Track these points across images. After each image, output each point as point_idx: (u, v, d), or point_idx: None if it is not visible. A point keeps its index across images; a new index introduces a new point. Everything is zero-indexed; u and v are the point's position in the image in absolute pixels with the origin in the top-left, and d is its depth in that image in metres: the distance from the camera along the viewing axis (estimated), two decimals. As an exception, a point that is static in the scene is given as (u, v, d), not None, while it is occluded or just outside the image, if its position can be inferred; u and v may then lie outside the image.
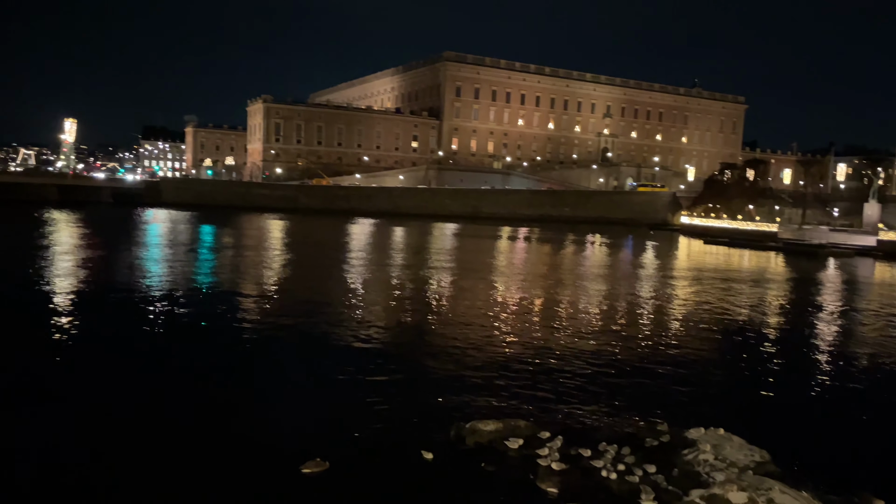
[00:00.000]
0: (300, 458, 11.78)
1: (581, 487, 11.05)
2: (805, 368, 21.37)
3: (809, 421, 15.79)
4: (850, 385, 19.40)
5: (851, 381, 19.88)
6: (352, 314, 26.94)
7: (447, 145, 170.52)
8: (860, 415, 16.50)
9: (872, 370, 21.22)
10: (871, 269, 64.14)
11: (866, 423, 15.88)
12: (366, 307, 29.18)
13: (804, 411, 16.62)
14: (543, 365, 19.56)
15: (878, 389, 19.03)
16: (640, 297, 36.39)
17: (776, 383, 19.31)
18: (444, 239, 78.49)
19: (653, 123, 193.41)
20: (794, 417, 16.01)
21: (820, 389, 18.84)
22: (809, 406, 17.17)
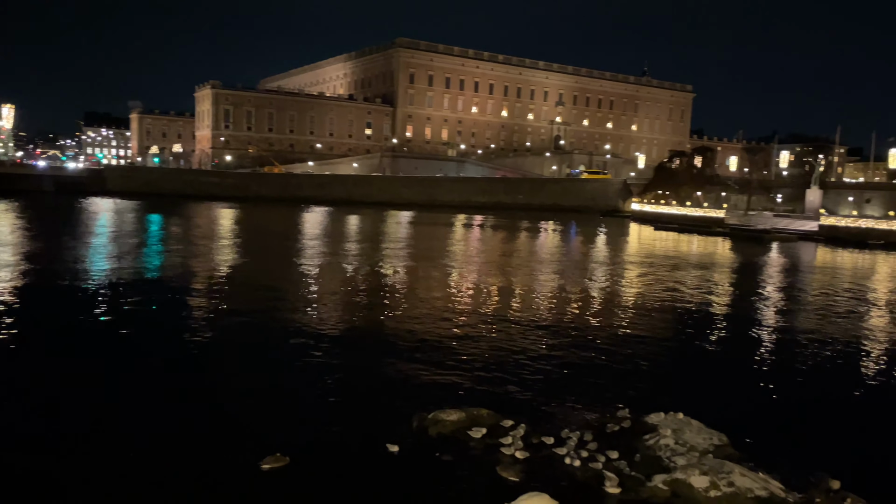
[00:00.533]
0: (259, 453, 11.47)
1: (546, 475, 11.04)
2: (755, 351, 21.91)
3: (763, 403, 16.16)
4: (799, 366, 19.97)
5: (800, 362, 20.46)
6: (307, 305, 26.51)
7: (401, 133, 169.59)
8: (811, 396, 16.98)
9: (820, 351, 21.88)
10: (813, 253, 66.36)
11: (817, 403, 16.34)
12: (321, 297, 28.76)
13: (757, 393, 17.00)
14: (502, 353, 19.57)
15: (825, 370, 19.63)
16: (594, 283, 36.83)
17: (729, 366, 19.74)
18: (400, 227, 78.11)
19: (604, 111, 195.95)
20: (747, 400, 16.37)
21: (770, 371, 19.33)
22: (762, 388, 17.58)
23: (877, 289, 40.09)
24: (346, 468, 11.48)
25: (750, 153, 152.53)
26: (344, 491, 10.64)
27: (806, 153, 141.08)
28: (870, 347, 22.89)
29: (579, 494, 10.49)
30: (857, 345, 23.23)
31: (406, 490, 10.68)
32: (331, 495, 10.49)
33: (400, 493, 10.61)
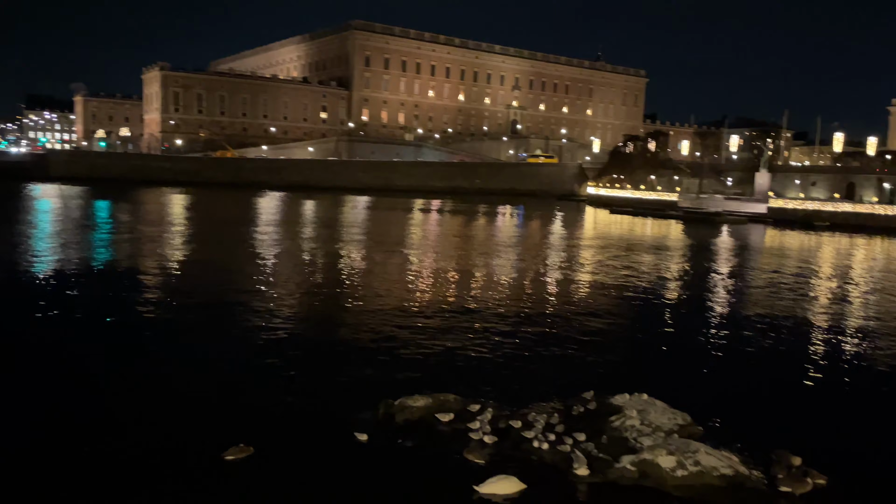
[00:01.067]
0: (222, 444, 11.15)
1: (514, 458, 11.01)
2: (712, 332, 22.35)
3: (722, 382, 16.45)
4: (754, 346, 20.41)
5: (755, 342, 20.93)
6: (264, 292, 26.01)
7: (357, 116, 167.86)
8: (768, 374, 17.36)
9: (773, 331, 22.43)
10: (763, 235, 68.18)
11: (774, 382, 16.71)
12: (279, 284, 28.25)
13: (716, 373, 17.32)
14: (465, 337, 19.51)
15: (779, 349, 20.10)
16: (552, 267, 37.08)
17: (687, 347, 20.06)
18: (357, 212, 77.44)
19: (560, 96, 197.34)
20: (707, 379, 16.65)
21: (727, 351, 19.72)
22: (720, 368, 17.91)
23: (823, 268, 41.37)
24: (312, 457, 11.25)
25: (701, 137, 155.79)
26: (311, 480, 10.42)
27: (754, 137, 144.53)
28: (821, 326, 23.57)
29: (548, 477, 10.49)
30: (809, 324, 23.90)
31: (374, 477, 10.52)
32: (298, 485, 10.25)
33: (368, 479, 10.44)
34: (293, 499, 9.75)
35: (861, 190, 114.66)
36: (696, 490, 10.18)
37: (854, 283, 35.50)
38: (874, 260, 48.98)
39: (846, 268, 42.43)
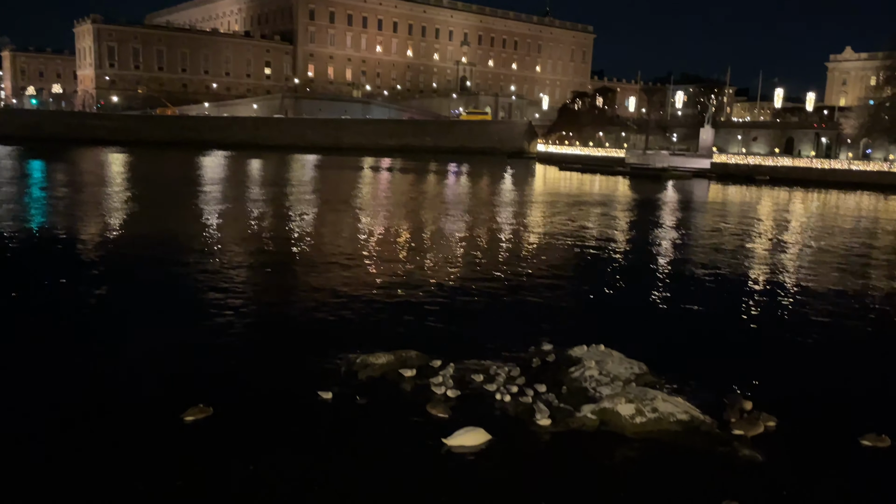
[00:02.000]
0: (180, 405, 10.94)
1: (478, 411, 11.14)
2: (660, 283, 22.93)
3: (673, 331, 16.92)
4: (701, 295, 21.04)
5: (701, 291, 21.57)
6: (216, 253, 25.42)
7: (303, 72, 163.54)
8: (715, 322, 17.94)
9: (718, 280, 23.15)
10: (706, 190, 69.93)
11: (722, 329, 17.29)
12: (230, 245, 27.64)
13: (667, 322, 17.80)
14: (422, 294, 19.52)
15: (725, 297, 20.77)
16: (504, 223, 37.30)
17: (638, 298, 20.52)
18: (306, 171, 76.11)
19: (508, 52, 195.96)
20: (659, 329, 17.09)
21: (676, 301, 20.26)
22: (670, 317, 18.41)
23: (764, 222, 42.74)
24: (274, 416, 11.14)
25: (648, 94, 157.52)
26: (274, 439, 10.33)
27: (699, 94, 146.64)
28: (763, 277, 24.42)
29: (512, 428, 10.66)
30: (752, 275, 24.73)
31: (340, 434, 10.49)
32: (260, 443, 10.15)
33: (333, 437, 10.41)
34: (254, 457, 9.66)
35: (799, 144, 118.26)
36: (654, 435, 10.51)
37: (792, 235, 36.80)
38: (811, 213, 50.82)
39: (785, 221, 43.92)
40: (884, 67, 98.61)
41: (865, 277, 25.48)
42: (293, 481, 9.08)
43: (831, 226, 40.96)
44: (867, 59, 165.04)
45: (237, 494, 8.75)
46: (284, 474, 9.28)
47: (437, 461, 9.71)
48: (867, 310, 20.21)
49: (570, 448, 10.22)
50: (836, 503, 7.31)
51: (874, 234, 38.49)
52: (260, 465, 9.47)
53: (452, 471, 9.48)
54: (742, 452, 10.09)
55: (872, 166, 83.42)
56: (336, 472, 9.35)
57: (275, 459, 9.69)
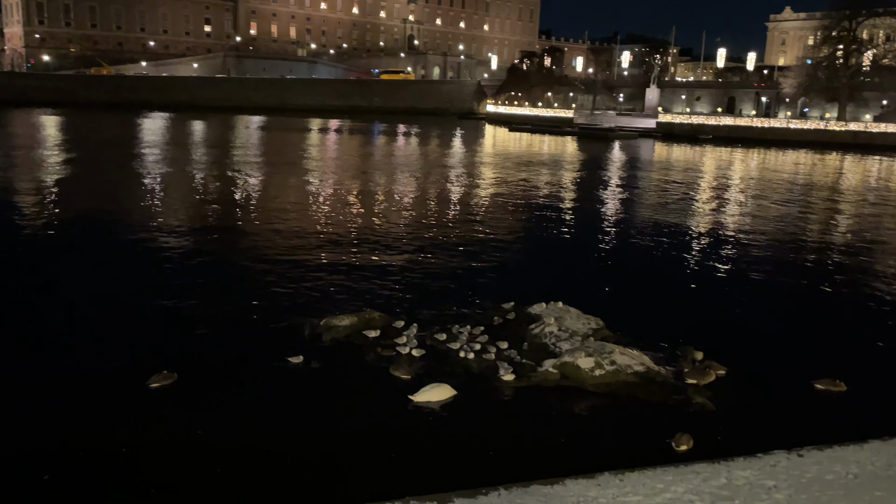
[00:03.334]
0: (144, 373, 10.85)
1: (443, 369, 11.38)
2: (611, 239, 23.53)
3: (626, 286, 17.48)
4: (649, 249, 21.72)
5: (649, 246, 22.24)
6: (160, 219, 24.83)
7: (245, 30, 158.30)
8: (664, 276, 18.58)
9: (665, 235, 23.87)
10: (652, 149, 71.31)
11: (671, 283, 17.93)
12: (176, 210, 27.03)
13: (619, 278, 18.34)
14: (378, 256, 19.59)
15: (672, 252, 21.48)
16: (456, 183, 37.43)
17: (591, 254, 21.06)
18: (251, 132, 74.39)
19: (456, 10, 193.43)
20: (612, 285, 17.61)
21: (626, 256, 20.89)
22: (622, 273, 18.98)
23: (707, 179, 43.98)
24: (239, 381, 11.15)
25: (594, 54, 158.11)
26: (240, 404, 10.37)
27: (644, 54, 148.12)
28: (707, 231, 25.27)
29: (477, 384, 10.95)
30: (697, 230, 25.57)
31: (306, 396, 10.61)
32: (225, 408, 10.18)
33: (300, 399, 10.51)
34: (221, 423, 9.71)
35: (741, 104, 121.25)
36: (612, 387, 10.96)
37: (734, 192, 38.01)
38: (751, 170, 52.46)
39: (727, 178, 45.27)
40: (821, 27, 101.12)
41: (803, 231, 26.63)
42: (261, 444, 9.18)
43: (770, 183, 42.41)
44: (805, 20, 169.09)
45: (206, 458, 8.81)
46: (252, 437, 9.37)
47: (405, 417, 9.95)
48: (806, 261, 21.22)
49: (532, 402, 10.58)
50: (790, 443, 7.80)
51: (810, 190, 40.06)
52: (227, 430, 9.53)
53: (420, 426, 9.73)
54: (696, 400, 10.63)
55: (809, 125, 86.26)
56: (304, 433, 9.48)
57: (242, 423, 9.75)
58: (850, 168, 57.82)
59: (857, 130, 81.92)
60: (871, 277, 19.22)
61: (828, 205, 35.00)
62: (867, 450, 7.02)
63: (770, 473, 6.53)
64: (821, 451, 6.94)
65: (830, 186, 42.74)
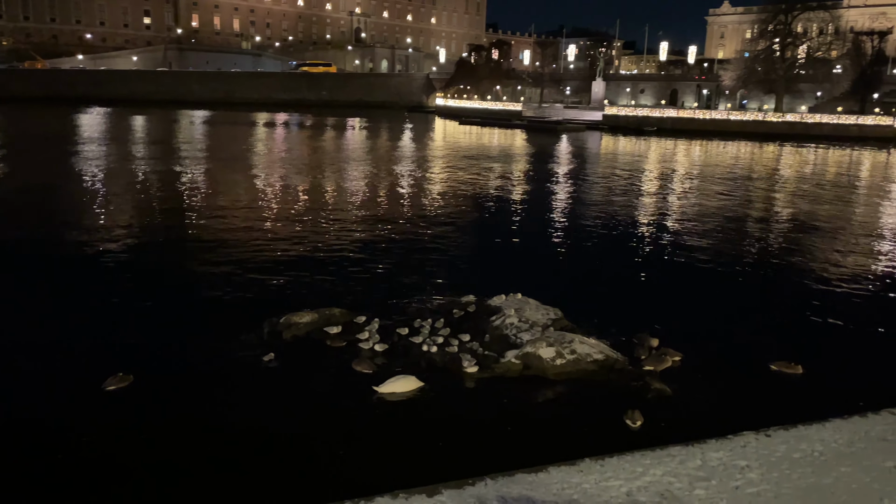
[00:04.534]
0: (99, 376, 10.58)
1: (407, 363, 11.43)
2: (563, 230, 23.91)
3: (581, 277, 17.81)
4: (601, 239, 22.18)
5: (601, 236, 22.72)
6: (104, 218, 24.14)
7: (186, 22, 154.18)
8: (617, 266, 18.99)
9: (615, 226, 24.40)
10: (599, 141, 72.52)
11: (624, 273, 18.35)
12: (120, 209, 26.28)
13: (574, 269, 18.67)
14: (337, 251, 19.48)
15: (623, 241, 21.97)
16: (409, 177, 37.40)
17: (545, 245, 21.37)
18: (195, 127, 72.67)
19: (403, 3, 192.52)
20: (568, 276, 17.94)
21: (579, 247, 21.27)
22: (576, 264, 19.33)
23: (653, 170, 45.03)
24: (197, 381, 10.99)
25: (541, 47, 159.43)
26: (198, 404, 10.21)
27: (589, 47, 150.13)
28: (656, 221, 25.93)
29: (441, 377, 11.04)
30: (645, 218, 26.20)
31: (270, 394, 10.51)
32: (183, 409, 10.01)
33: (263, 398, 10.41)
34: (179, 423, 9.55)
35: (683, 96, 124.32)
36: (573, 375, 11.20)
37: (679, 182, 39.03)
38: (695, 161, 53.92)
39: (672, 169, 46.42)
40: (758, 21, 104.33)
41: (748, 219, 27.55)
42: (220, 443, 9.08)
43: (714, 173, 43.67)
44: (743, 14, 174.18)
45: (163, 459, 8.66)
46: (211, 437, 9.25)
47: (372, 410, 9.97)
48: (753, 248, 21.99)
49: (496, 392, 10.72)
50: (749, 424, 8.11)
51: (752, 179, 41.42)
52: (185, 430, 9.39)
53: (387, 417, 9.77)
54: (654, 385, 10.95)
55: (749, 116, 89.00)
56: (266, 432, 9.39)
57: (200, 423, 9.61)
58: (787, 157, 59.98)
59: (794, 121, 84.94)
60: (815, 261, 20.05)
61: (769, 193, 36.27)
62: (829, 428, 7.40)
63: (741, 454, 6.82)
64: (787, 431, 7.29)
65: (770, 175, 44.27)
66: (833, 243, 22.90)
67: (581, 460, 6.69)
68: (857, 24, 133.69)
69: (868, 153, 64.85)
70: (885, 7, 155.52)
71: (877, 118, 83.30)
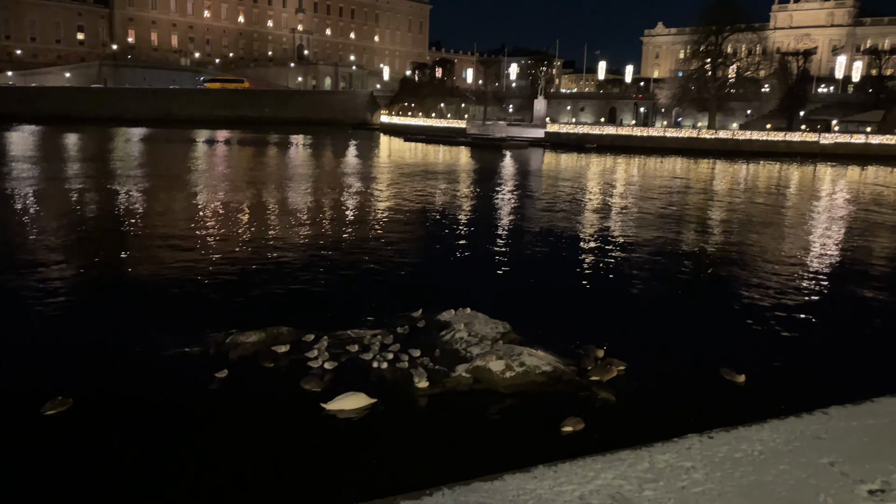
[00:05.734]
0: (38, 400, 10.19)
1: (358, 380, 11.38)
2: (508, 245, 24.24)
3: (526, 291, 18.06)
4: (545, 253, 22.59)
5: (546, 250, 23.14)
6: (40, 240, 23.29)
7: (122, 38, 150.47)
8: (561, 280, 19.36)
9: (559, 240, 24.90)
10: (542, 158, 73.92)
11: (568, 286, 18.72)
12: (55, 230, 25.38)
13: (518, 283, 18.93)
14: (281, 269, 19.26)
15: (567, 255, 22.43)
16: (355, 194, 37.33)
17: (491, 260, 21.60)
18: (132, 145, 70.84)
19: (346, 21, 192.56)
20: (514, 290, 18.17)
21: (524, 261, 21.60)
22: (521, 278, 19.59)
23: (594, 185, 46.13)
24: (138, 405, 10.67)
25: (484, 66, 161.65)
26: (140, 427, 9.93)
27: (530, 66, 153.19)
28: (595, 233, 26.56)
29: (393, 392, 11.03)
30: (586, 232, 26.82)
31: (215, 416, 10.31)
32: (124, 433, 9.73)
33: (204, 421, 10.19)
34: (120, 447, 9.29)
35: (621, 114, 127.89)
36: (523, 387, 11.36)
37: (619, 197, 40.10)
38: (633, 177, 55.49)
39: (612, 184, 47.69)
40: (691, 42, 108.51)
41: (685, 231, 28.49)
42: (164, 466, 8.86)
43: (653, 187, 45.03)
44: (676, 35, 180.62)
45: (103, 486, 8.40)
46: (155, 460, 9.02)
47: (321, 427, 9.89)
48: (690, 259, 22.75)
49: (447, 406, 10.77)
50: (691, 428, 8.37)
51: (688, 193, 42.88)
52: (127, 454, 9.13)
53: (337, 434, 9.71)
54: (600, 395, 11.20)
55: (683, 133, 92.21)
56: (212, 455, 9.21)
57: (142, 447, 9.35)
58: (721, 172, 62.29)
59: (726, 138, 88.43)
60: (750, 271, 20.85)
61: (705, 206, 37.60)
62: (767, 429, 7.75)
63: (686, 455, 7.09)
64: (728, 433, 7.61)
65: (705, 189, 45.91)
66: (767, 253, 23.86)
67: (535, 467, 6.84)
68: (783, 45, 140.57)
69: (796, 168, 67.97)
70: (808, 29, 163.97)
71: (803, 135, 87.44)
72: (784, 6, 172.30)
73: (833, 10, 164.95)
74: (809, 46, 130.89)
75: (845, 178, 59.31)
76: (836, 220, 33.33)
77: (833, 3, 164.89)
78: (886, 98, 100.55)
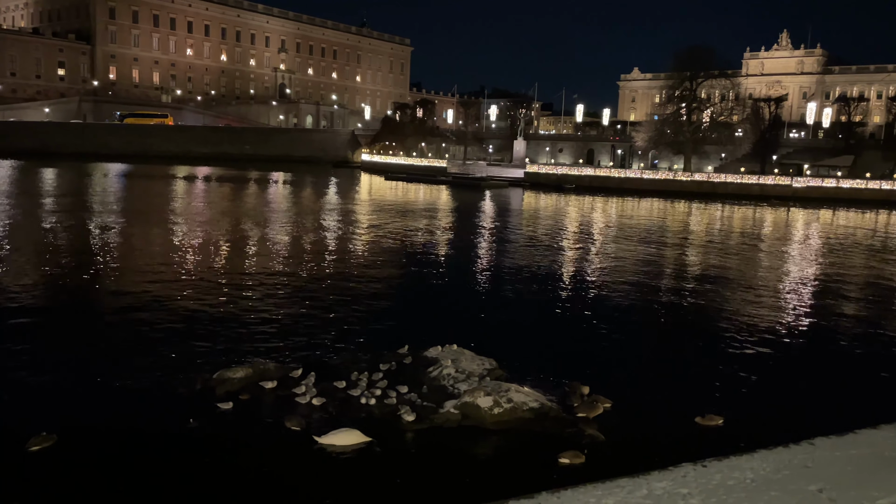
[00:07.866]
0: (23, 436, 10.05)
1: (346, 416, 11.38)
2: (492, 283, 24.45)
3: (513, 328, 18.21)
4: (527, 291, 22.79)
5: (527, 288, 23.35)
6: (20, 277, 23.06)
7: (103, 74, 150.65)
8: (547, 318, 19.56)
9: (541, 278, 25.15)
10: (521, 198, 74.76)
11: (555, 324, 18.91)
12: (29, 266, 25.14)
13: (505, 320, 19.08)
14: (266, 306, 19.24)
15: (549, 293, 22.66)
16: (338, 232, 37.45)
17: (476, 297, 21.77)
18: (111, 181, 70.49)
19: (328, 61, 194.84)
20: (500, 327, 18.31)
21: (509, 298, 21.79)
22: (506, 314, 19.76)
23: (573, 224, 46.76)
24: (123, 441, 10.57)
25: (464, 107, 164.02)
26: (127, 465, 9.83)
27: (510, 108, 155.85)
28: (578, 272, 26.90)
29: (381, 428, 11.03)
30: (568, 270, 27.15)
31: (201, 454, 10.23)
32: (109, 471, 9.63)
33: (194, 458, 10.12)
34: (104, 486, 9.18)
35: (599, 155, 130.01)
36: (511, 423, 11.43)
37: (599, 236, 40.67)
38: (612, 217, 56.34)
39: (591, 224, 48.36)
40: (666, 87, 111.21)
41: (667, 272, 28.93)
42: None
43: (630, 225, 45.74)
44: (652, 80, 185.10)
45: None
46: (139, 499, 8.92)
47: (312, 462, 9.85)
48: (672, 300, 23.07)
49: (436, 442, 10.81)
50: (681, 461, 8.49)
51: (666, 234, 43.61)
52: (112, 493, 9.02)
53: (329, 469, 9.68)
54: (587, 432, 11.30)
55: (660, 175, 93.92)
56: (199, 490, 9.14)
57: (129, 485, 9.26)
58: (697, 214, 63.46)
59: (701, 180, 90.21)
60: (726, 311, 21.22)
61: (684, 247, 38.23)
62: (757, 458, 7.95)
63: (682, 483, 7.24)
64: (720, 462, 7.81)
65: (683, 230, 46.73)
66: (744, 294, 24.30)
67: (538, 493, 6.90)
68: (755, 91, 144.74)
69: (769, 211, 69.47)
70: (779, 76, 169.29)
71: (776, 178, 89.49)
72: (756, 54, 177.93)
73: (803, 59, 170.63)
74: (780, 93, 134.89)
75: (818, 221, 60.75)
76: (811, 262, 34.08)
77: (803, 52, 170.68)
78: (856, 143, 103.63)
